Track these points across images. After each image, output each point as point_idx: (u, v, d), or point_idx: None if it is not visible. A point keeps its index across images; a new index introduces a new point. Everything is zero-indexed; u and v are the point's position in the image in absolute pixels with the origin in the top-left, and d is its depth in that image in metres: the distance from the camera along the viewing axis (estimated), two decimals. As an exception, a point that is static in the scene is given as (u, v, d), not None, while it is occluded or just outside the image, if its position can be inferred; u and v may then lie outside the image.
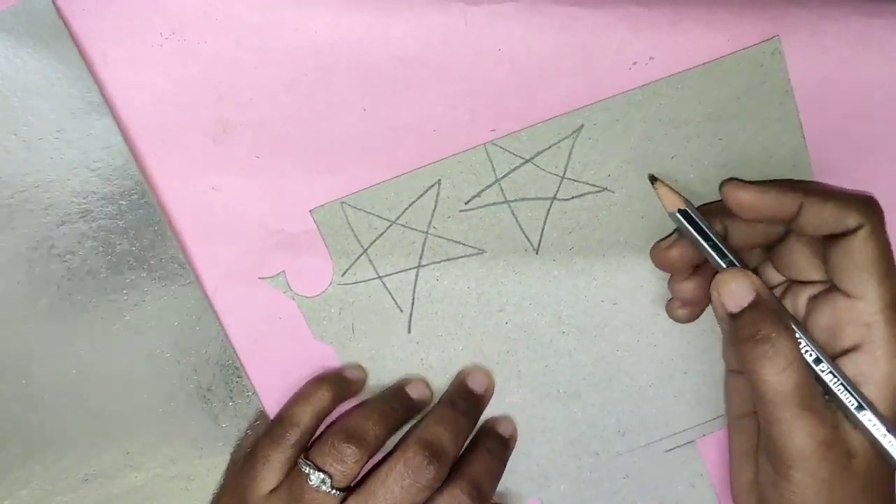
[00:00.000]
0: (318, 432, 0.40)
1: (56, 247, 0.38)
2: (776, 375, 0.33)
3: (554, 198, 0.40)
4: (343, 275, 0.41)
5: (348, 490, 0.37)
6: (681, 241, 0.39)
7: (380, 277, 0.41)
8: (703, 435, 0.44)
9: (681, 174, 0.40)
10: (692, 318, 0.40)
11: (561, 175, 0.40)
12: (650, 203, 0.40)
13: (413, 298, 0.41)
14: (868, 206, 0.35)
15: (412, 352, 0.41)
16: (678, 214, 0.37)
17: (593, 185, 0.40)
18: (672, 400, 0.43)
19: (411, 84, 0.38)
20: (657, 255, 0.40)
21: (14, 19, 0.36)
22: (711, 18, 0.38)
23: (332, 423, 0.40)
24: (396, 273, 0.41)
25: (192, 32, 0.37)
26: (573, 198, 0.40)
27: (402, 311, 0.41)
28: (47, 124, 0.37)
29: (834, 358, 0.35)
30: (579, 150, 0.40)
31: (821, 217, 0.35)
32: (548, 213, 0.40)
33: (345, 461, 0.37)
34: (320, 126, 0.38)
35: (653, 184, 0.39)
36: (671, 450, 0.44)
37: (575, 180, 0.40)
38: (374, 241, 0.40)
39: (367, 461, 0.38)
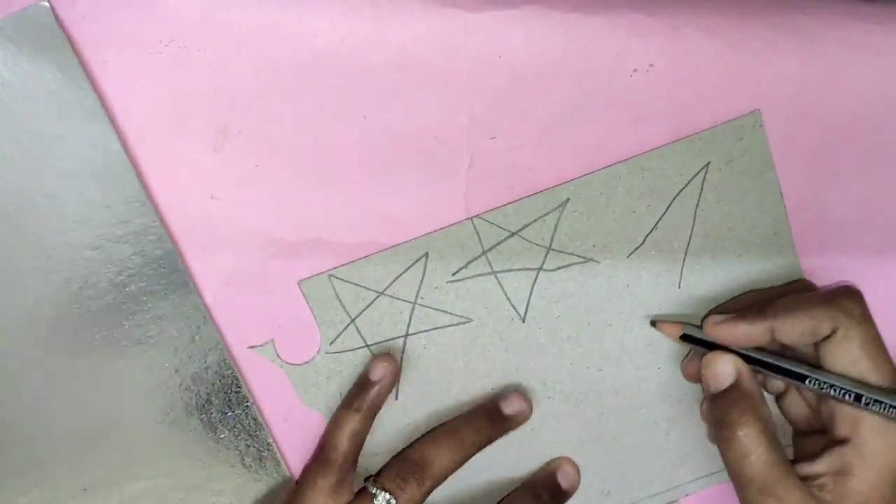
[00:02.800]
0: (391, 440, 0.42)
1: (55, 256, 0.38)
2: (738, 460, 0.35)
3: (540, 268, 0.41)
4: (331, 344, 0.41)
5: None
6: (695, 357, 0.40)
7: (367, 346, 0.41)
8: (686, 494, 0.44)
9: (664, 244, 0.41)
10: None
11: (547, 246, 0.40)
12: (634, 272, 0.41)
13: (400, 366, 0.42)
14: (840, 306, 0.35)
15: (400, 417, 0.42)
16: (684, 335, 0.40)
17: (579, 256, 0.41)
18: (656, 461, 0.44)
19: (411, 91, 0.38)
20: (685, 369, 0.41)
21: (14, 27, 0.36)
22: (712, 25, 0.38)
23: (404, 449, 0.40)
24: (384, 341, 0.41)
25: (191, 40, 0.37)
26: (559, 268, 0.41)
27: (389, 378, 0.42)
28: (46, 131, 0.37)
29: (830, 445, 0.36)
30: (565, 223, 0.40)
31: (793, 336, 0.36)
32: (534, 283, 0.41)
33: (410, 487, 0.38)
34: (320, 134, 0.38)
35: (654, 326, 0.41)
36: (655, 508, 0.44)
37: (561, 251, 0.41)
38: (363, 311, 0.41)
39: (434, 489, 0.39)
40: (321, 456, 0.39)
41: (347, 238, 0.40)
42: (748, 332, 0.37)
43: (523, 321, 0.41)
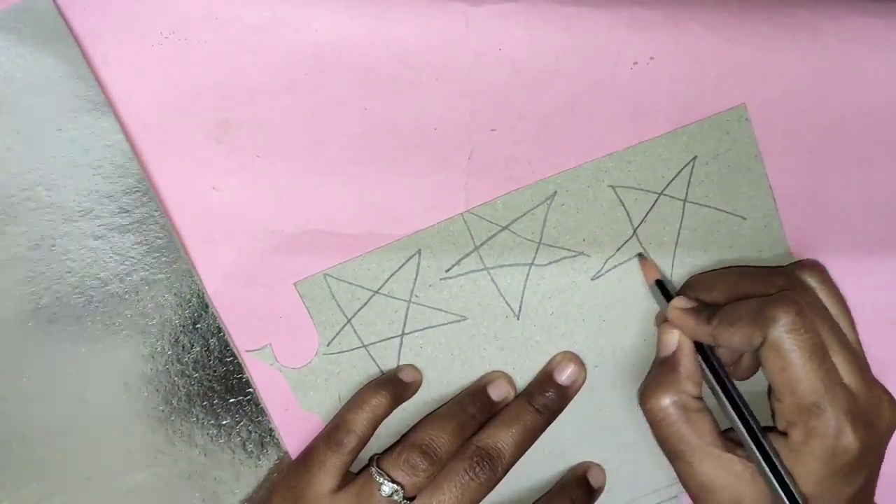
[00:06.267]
0: (394, 436, 0.42)
1: (57, 246, 0.38)
2: (651, 425, 0.39)
3: (532, 264, 0.41)
4: (328, 345, 0.41)
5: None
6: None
7: (364, 346, 0.42)
8: (688, 490, 0.44)
9: (654, 238, 0.41)
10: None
11: (538, 241, 0.41)
12: (625, 267, 0.41)
13: (398, 366, 0.42)
14: (770, 316, 0.35)
15: (399, 418, 0.42)
16: (655, 286, 0.41)
17: (569, 251, 0.41)
18: (656, 456, 0.43)
19: (412, 84, 0.38)
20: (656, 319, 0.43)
21: (15, 18, 0.36)
22: (712, 19, 0.39)
23: (408, 433, 0.41)
24: (381, 341, 0.42)
25: (192, 32, 0.37)
26: (551, 263, 0.41)
27: (387, 378, 0.42)
28: (49, 123, 0.37)
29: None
30: (554, 217, 0.41)
31: (732, 344, 0.37)
32: (527, 279, 0.41)
33: (417, 474, 0.38)
34: (321, 126, 0.39)
35: (640, 259, 0.41)
36: (657, 505, 0.44)
37: (551, 246, 0.41)
38: (358, 310, 0.41)
39: (438, 472, 0.39)
40: (336, 435, 0.40)
41: (348, 230, 0.40)
42: (694, 331, 0.39)
43: (518, 318, 0.42)
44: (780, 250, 0.42)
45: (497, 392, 0.42)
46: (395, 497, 0.38)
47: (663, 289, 0.41)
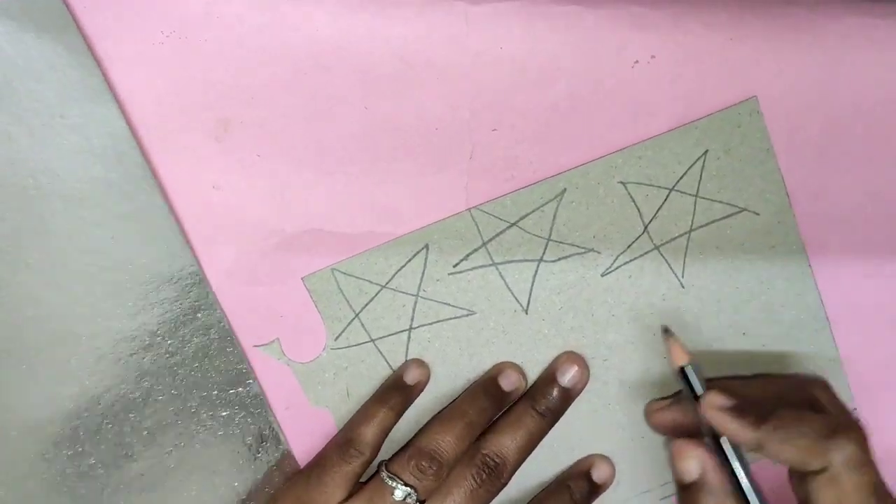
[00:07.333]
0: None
1: (58, 234, 0.39)
2: None
3: (541, 259, 0.41)
4: (336, 339, 0.41)
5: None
6: (677, 405, 0.40)
7: (372, 341, 0.41)
8: (697, 483, 0.44)
9: (665, 234, 0.41)
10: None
11: (547, 237, 0.41)
12: (636, 263, 0.41)
13: (406, 360, 0.42)
14: (836, 446, 0.34)
15: (407, 413, 0.42)
16: (685, 369, 0.38)
17: (579, 247, 0.41)
18: (663, 451, 0.43)
19: (413, 83, 0.38)
20: (652, 416, 0.41)
21: (18, 6, 0.36)
22: (713, 17, 0.38)
23: (416, 436, 0.41)
24: (389, 336, 0.42)
25: (193, 31, 0.37)
26: (560, 259, 0.41)
27: (395, 372, 0.42)
28: (50, 110, 0.37)
29: None
30: (563, 214, 0.40)
31: (780, 459, 0.35)
32: (535, 275, 0.41)
33: (426, 478, 0.39)
34: (321, 125, 0.39)
35: (665, 336, 0.40)
36: (665, 498, 0.44)
37: (561, 242, 0.41)
38: (366, 305, 0.41)
39: (448, 473, 0.40)
40: (347, 446, 0.40)
41: (348, 229, 0.40)
42: (738, 433, 0.36)
43: (526, 313, 0.42)
44: (794, 246, 0.41)
45: (508, 382, 0.42)
46: (409, 500, 0.38)
47: (688, 380, 0.38)
